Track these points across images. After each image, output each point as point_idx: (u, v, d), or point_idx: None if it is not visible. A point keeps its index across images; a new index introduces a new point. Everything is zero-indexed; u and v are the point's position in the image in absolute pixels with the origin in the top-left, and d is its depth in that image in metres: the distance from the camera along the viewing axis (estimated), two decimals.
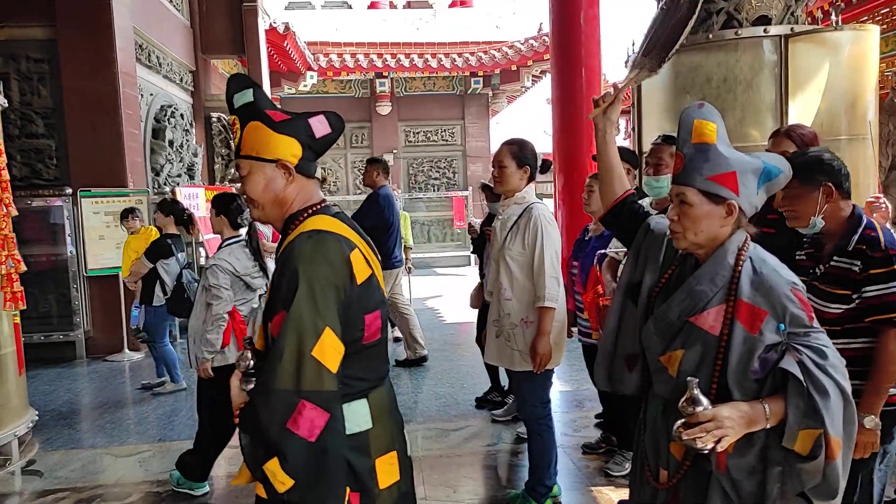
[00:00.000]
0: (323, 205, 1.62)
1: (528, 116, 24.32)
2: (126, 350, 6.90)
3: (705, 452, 1.43)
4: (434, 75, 15.06)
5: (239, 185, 1.66)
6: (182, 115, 8.98)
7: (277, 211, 1.61)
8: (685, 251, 1.62)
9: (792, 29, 3.96)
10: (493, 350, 3.17)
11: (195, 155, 9.28)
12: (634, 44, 4.71)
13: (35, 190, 6.78)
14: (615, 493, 3.36)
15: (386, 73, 14.65)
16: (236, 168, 1.68)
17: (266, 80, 10.78)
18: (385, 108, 15.10)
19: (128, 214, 6.06)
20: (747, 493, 1.47)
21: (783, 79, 3.94)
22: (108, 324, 6.95)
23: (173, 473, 3.57)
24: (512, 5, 17.75)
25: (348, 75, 14.58)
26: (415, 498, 1.71)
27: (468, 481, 3.63)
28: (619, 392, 1.79)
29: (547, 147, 8.56)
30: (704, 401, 1.41)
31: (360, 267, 1.52)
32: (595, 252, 3.53)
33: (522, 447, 3.83)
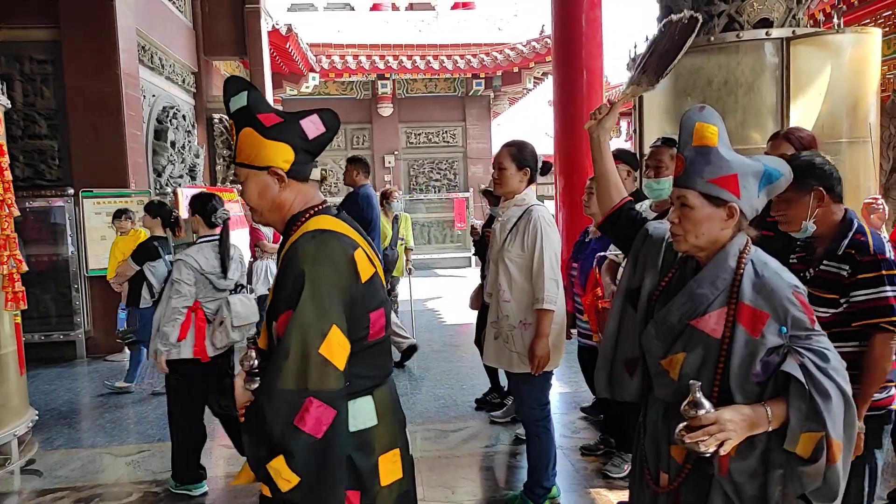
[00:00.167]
0: (324, 206, 1.62)
1: (530, 118, 24.33)
2: (126, 350, 6.89)
3: (707, 456, 1.42)
4: (436, 77, 15.07)
5: (240, 186, 1.66)
6: (184, 117, 9.00)
7: (276, 215, 1.62)
8: (686, 254, 1.62)
9: (793, 32, 3.97)
10: (492, 352, 3.17)
11: (197, 156, 9.30)
12: (636, 46, 4.71)
13: (37, 190, 6.80)
14: (613, 495, 3.36)
15: (388, 75, 14.67)
16: (234, 174, 1.69)
17: (268, 81, 10.80)
18: (386, 110, 15.12)
19: (121, 215, 5.99)
20: (749, 497, 1.47)
21: (784, 81, 3.94)
22: (109, 324, 6.95)
23: (170, 480, 3.59)
24: (514, 7, 17.72)
25: (350, 77, 14.59)
26: (415, 496, 1.71)
27: (466, 482, 3.63)
28: (620, 398, 1.79)
29: (549, 149, 8.56)
30: (707, 404, 1.40)
31: (363, 266, 1.52)
32: (595, 254, 3.53)
33: (521, 448, 3.83)
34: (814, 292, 2.05)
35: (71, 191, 6.82)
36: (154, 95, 8.34)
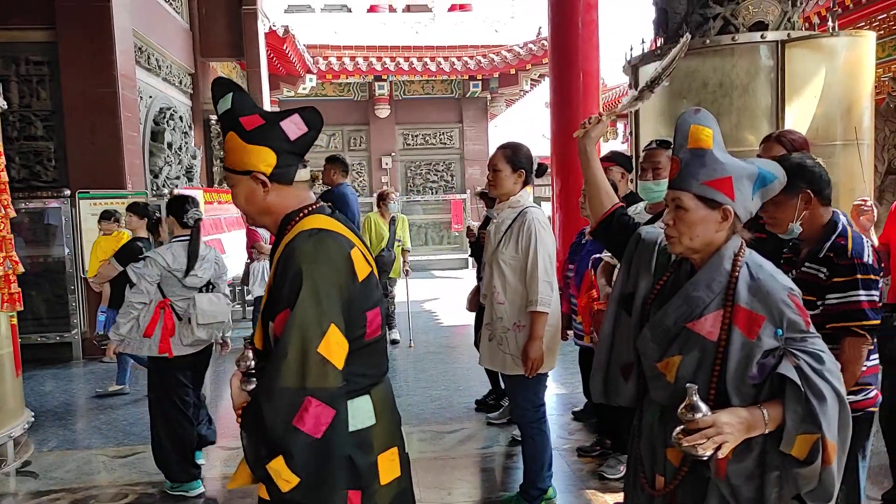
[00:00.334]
0: (318, 205, 1.62)
1: (527, 120, 24.28)
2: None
3: (704, 459, 1.43)
4: (432, 79, 15.08)
5: None
6: (181, 118, 8.98)
7: (267, 218, 1.62)
8: (680, 256, 1.62)
9: (788, 35, 3.98)
10: (487, 353, 3.18)
11: (194, 157, 9.28)
12: (632, 49, 4.72)
13: (34, 192, 6.78)
14: (609, 496, 3.37)
15: (384, 77, 14.66)
16: (224, 178, 1.69)
17: (265, 83, 10.78)
18: (383, 112, 15.12)
19: (109, 216, 5.88)
20: (745, 499, 1.47)
21: (779, 84, 3.95)
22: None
23: (166, 482, 3.59)
24: (511, 9, 17.79)
25: (347, 78, 14.59)
26: (413, 494, 1.72)
27: (462, 484, 3.64)
28: (615, 403, 1.79)
29: (545, 151, 8.57)
30: (704, 407, 1.41)
31: (360, 265, 1.53)
32: (590, 255, 3.53)
33: (517, 450, 3.83)
34: None
35: (67, 192, 6.79)
36: (151, 97, 8.32)
